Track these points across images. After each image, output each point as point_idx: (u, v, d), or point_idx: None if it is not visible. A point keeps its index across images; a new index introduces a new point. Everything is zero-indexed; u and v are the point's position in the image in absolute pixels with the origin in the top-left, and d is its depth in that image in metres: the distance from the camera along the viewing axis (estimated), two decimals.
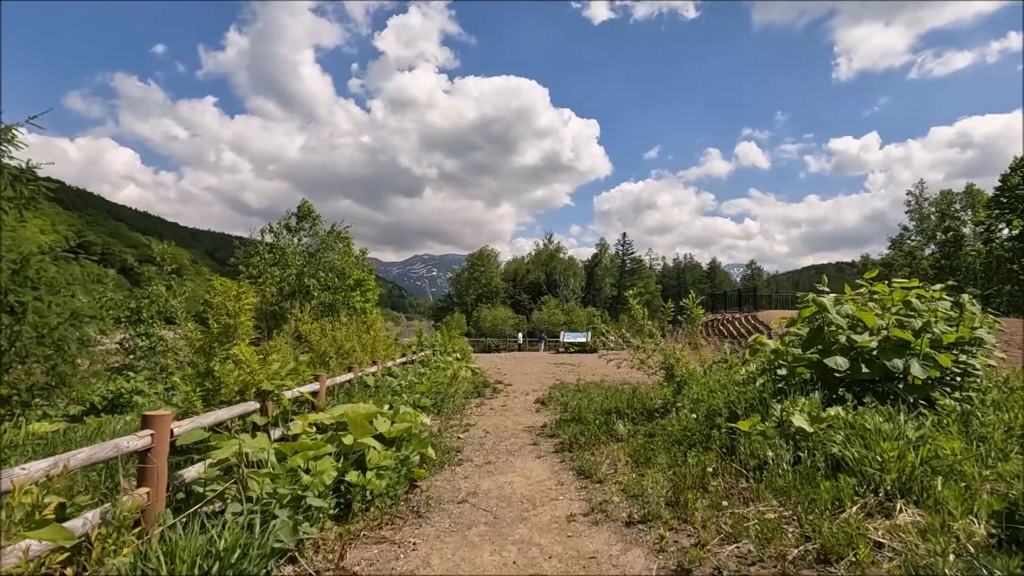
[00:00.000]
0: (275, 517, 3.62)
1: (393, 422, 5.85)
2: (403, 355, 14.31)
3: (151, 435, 3.58)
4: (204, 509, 3.68)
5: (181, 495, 3.94)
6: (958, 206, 47.16)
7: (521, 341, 47.19)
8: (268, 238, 17.86)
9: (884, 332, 6.05)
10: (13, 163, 7.95)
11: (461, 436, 7.55)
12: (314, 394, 6.77)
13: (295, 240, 18.37)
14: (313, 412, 6.47)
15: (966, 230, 46.52)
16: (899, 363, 5.65)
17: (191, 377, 6.53)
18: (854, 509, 3.66)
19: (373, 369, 9.59)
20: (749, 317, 25.00)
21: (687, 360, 8.60)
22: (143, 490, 3.53)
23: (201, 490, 3.89)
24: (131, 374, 12.12)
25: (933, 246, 47.55)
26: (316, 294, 16.80)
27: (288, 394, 5.62)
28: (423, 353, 16.59)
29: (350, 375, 8.48)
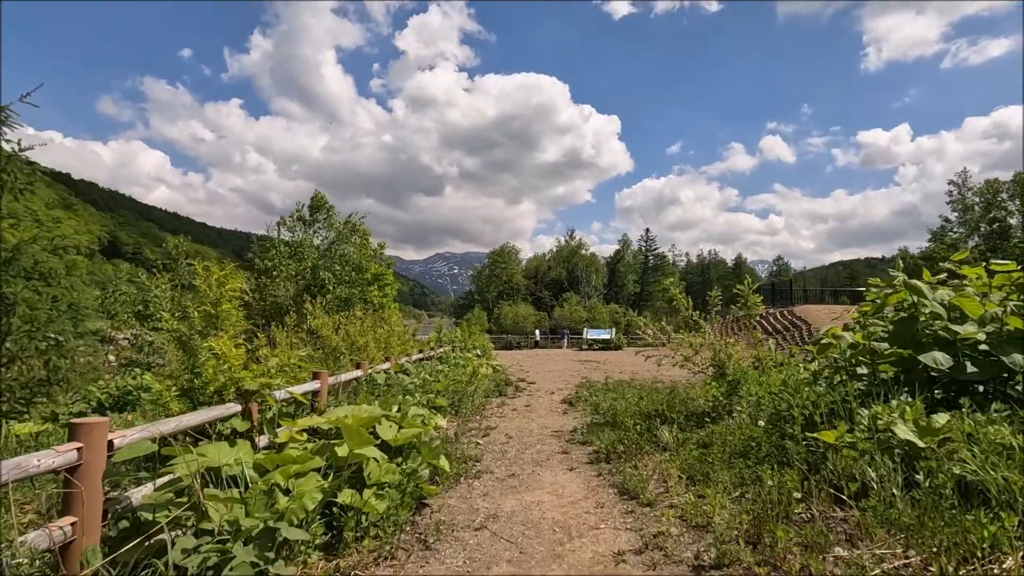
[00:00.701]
0: (234, 556, 2.77)
1: (401, 427, 4.99)
2: (420, 351, 13.51)
3: (77, 449, 2.77)
4: (154, 542, 2.85)
5: (126, 523, 3.12)
6: (1005, 195, 44.56)
7: (539, 338, 45.79)
8: (284, 232, 17.26)
9: (996, 322, 4.96)
10: (8, 147, 7.30)
11: (480, 442, 6.66)
12: (314, 394, 5.96)
13: (310, 233, 17.74)
14: (314, 414, 5.67)
15: (1013, 220, 43.92)
16: (1020, 359, 4.57)
17: (176, 373, 5.78)
18: (1019, 557, 2.65)
19: (385, 366, 8.78)
20: (785, 312, 23.62)
21: (739, 356, 7.57)
22: (67, 520, 2.72)
23: (150, 517, 3.07)
24: (137, 370, 11.57)
25: (977, 238, 45.03)
26: (332, 288, 16.12)
27: (278, 395, 4.80)
28: (441, 350, 15.79)
29: (358, 372, 7.68)
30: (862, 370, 5.67)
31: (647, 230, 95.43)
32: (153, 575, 2.68)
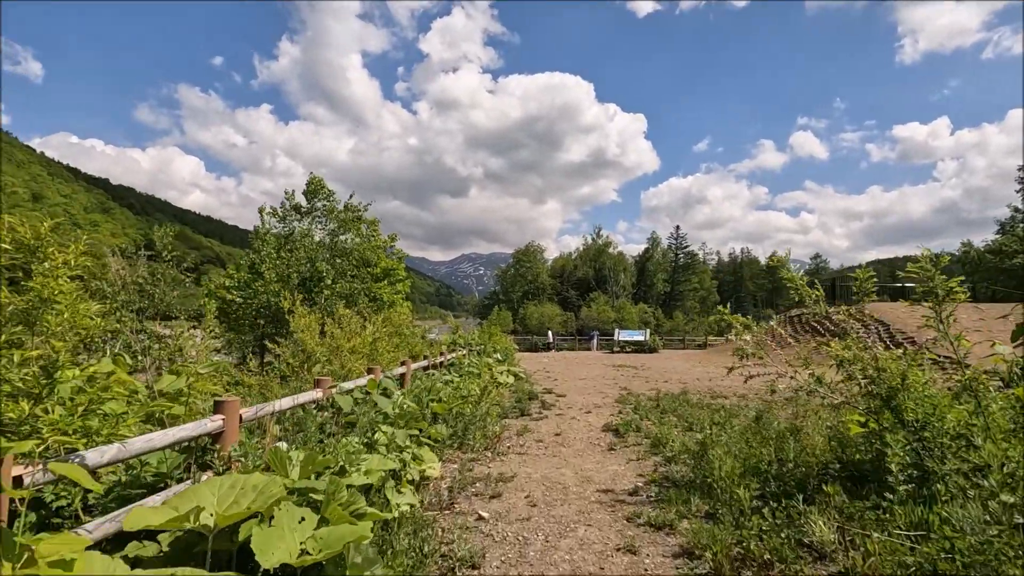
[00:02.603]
0: None
1: (322, 522, 2.57)
2: (426, 357, 11.14)
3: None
4: None
5: None
6: None
7: (551, 340, 39.65)
8: (272, 221, 15.14)
9: None
10: None
11: (485, 515, 4.16)
12: (214, 438, 3.59)
13: (307, 222, 15.60)
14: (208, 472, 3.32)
15: None
16: None
17: None
18: None
19: (361, 382, 6.41)
20: (854, 311, 20.50)
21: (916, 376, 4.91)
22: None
23: None
24: None
25: None
26: (330, 282, 13.92)
27: (91, 458, 2.44)
28: (453, 355, 13.42)
29: (314, 394, 5.31)
30: None
31: (677, 227, 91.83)
32: None
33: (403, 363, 8.91)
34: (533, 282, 77.82)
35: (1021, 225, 41.49)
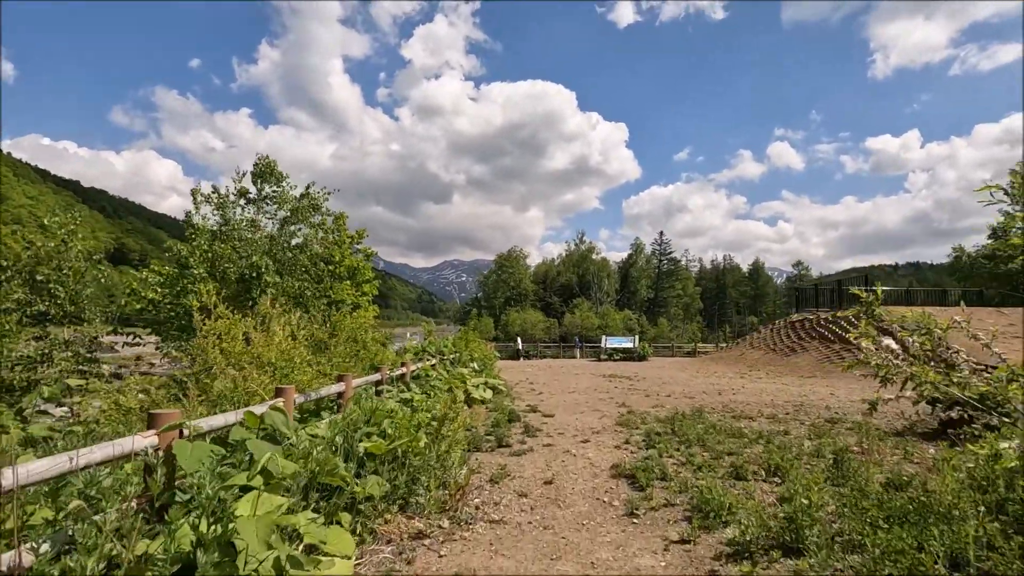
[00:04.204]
0: None
1: None
2: (377, 370, 8.89)
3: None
4: None
5: None
6: None
7: (520, 347, 36.43)
8: (209, 211, 12.75)
9: None
10: None
11: None
12: None
13: (254, 209, 13.26)
14: None
15: None
16: None
17: None
18: None
19: (259, 409, 4.20)
20: (864, 316, 18.80)
21: None
22: None
23: None
24: None
25: None
26: (270, 279, 11.62)
27: None
28: (419, 366, 11.20)
29: (132, 443, 3.10)
30: None
31: (661, 233, 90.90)
32: None
33: (340, 378, 6.69)
34: (516, 288, 76.05)
35: (1015, 229, 40.71)
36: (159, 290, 12.28)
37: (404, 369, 9.82)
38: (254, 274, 11.90)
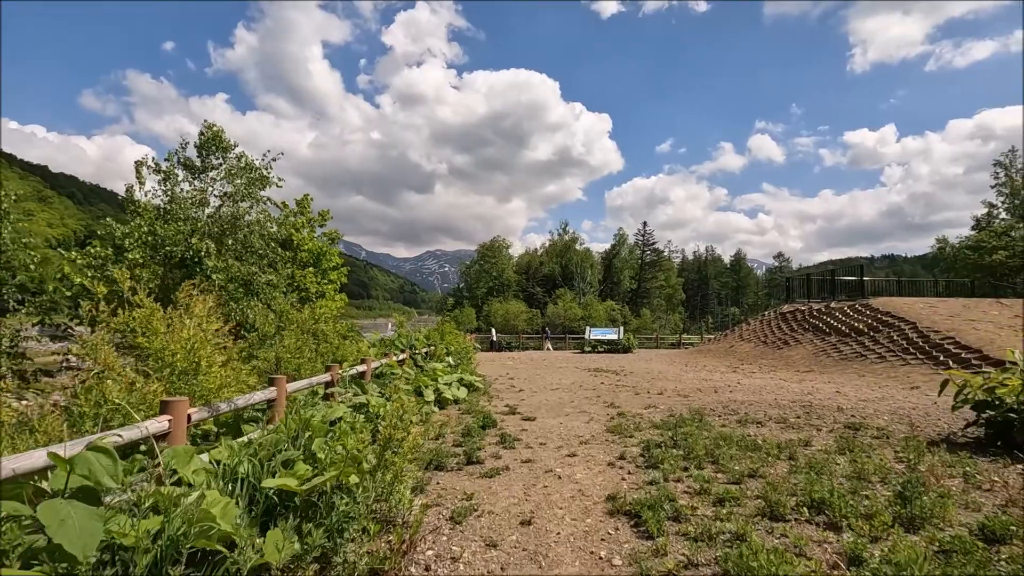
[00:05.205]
0: None
1: None
2: (326, 370, 7.57)
3: None
4: None
5: None
6: None
7: (494, 338, 36.46)
8: (153, 182, 11.26)
9: None
10: None
11: None
12: None
13: (199, 184, 11.73)
14: None
15: None
16: None
17: None
18: None
19: (75, 448, 2.95)
20: (859, 306, 17.98)
21: None
22: None
23: None
24: None
25: (1022, 225, 39.76)
26: (211, 263, 10.18)
27: None
28: (383, 361, 9.94)
29: None
30: None
31: (644, 223, 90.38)
32: None
33: (272, 381, 5.40)
34: (498, 278, 74.91)
35: (997, 221, 40.68)
36: (89, 273, 10.77)
37: (364, 367, 8.55)
38: (195, 258, 10.46)
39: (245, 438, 4.35)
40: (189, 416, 3.84)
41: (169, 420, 3.62)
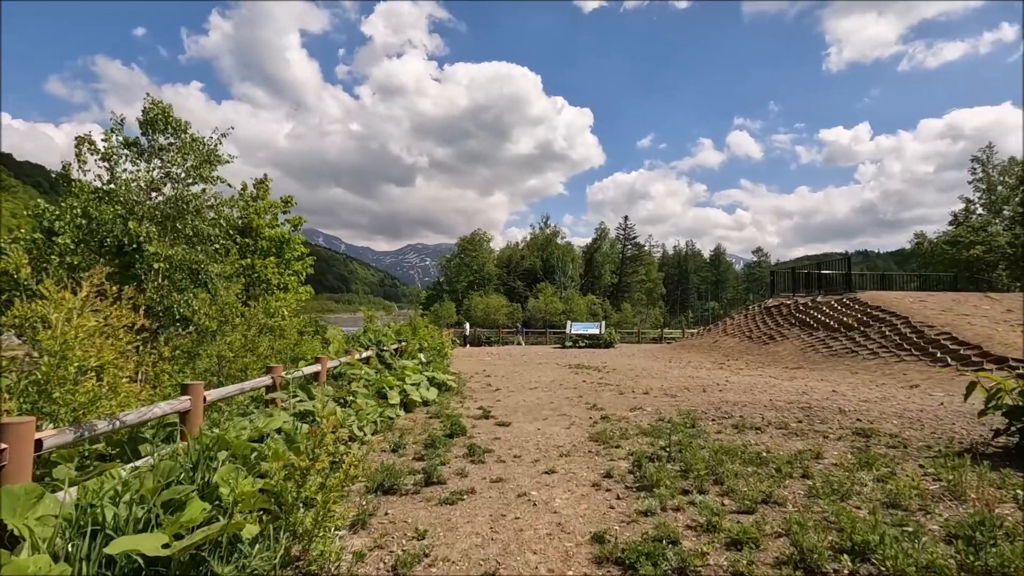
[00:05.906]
0: None
1: None
2: (270, 370, 6.57)
3: None
4: None
5: None
6: None
7: (468, 331, 35.48)
8: (93, 162, 10.07)
9: None
10: None
11: None
12: None
13: (146, 167, 10.55)
14: None
15: None
16: None
17: None
18: None
19: None
20: (846, 300, 17.51)
21: None
22: None
23: None
24: None
25: (998, 221, 40.17)
26: (152, 249, 9.08)
27: None
28: (343, 360, 8.97)
29: None
30: None
31: (625, 218, 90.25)
32: None
33: (185, 388, 4.43)
34: (479, 272, 74.00)
35: (975, 217, 41.02)
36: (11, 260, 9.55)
37: (318, 367, 7.57)
38: (133, 245, 9.33)
39: (130, 467, 3.40)
40: (39, 442, 2.87)
41: (2, 450, 2.66)
